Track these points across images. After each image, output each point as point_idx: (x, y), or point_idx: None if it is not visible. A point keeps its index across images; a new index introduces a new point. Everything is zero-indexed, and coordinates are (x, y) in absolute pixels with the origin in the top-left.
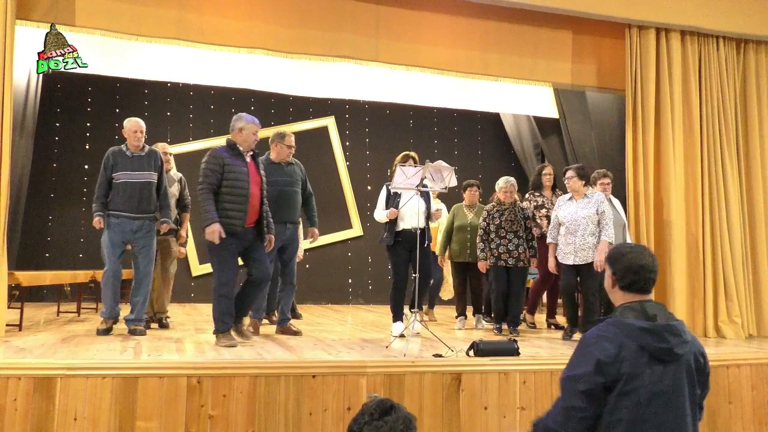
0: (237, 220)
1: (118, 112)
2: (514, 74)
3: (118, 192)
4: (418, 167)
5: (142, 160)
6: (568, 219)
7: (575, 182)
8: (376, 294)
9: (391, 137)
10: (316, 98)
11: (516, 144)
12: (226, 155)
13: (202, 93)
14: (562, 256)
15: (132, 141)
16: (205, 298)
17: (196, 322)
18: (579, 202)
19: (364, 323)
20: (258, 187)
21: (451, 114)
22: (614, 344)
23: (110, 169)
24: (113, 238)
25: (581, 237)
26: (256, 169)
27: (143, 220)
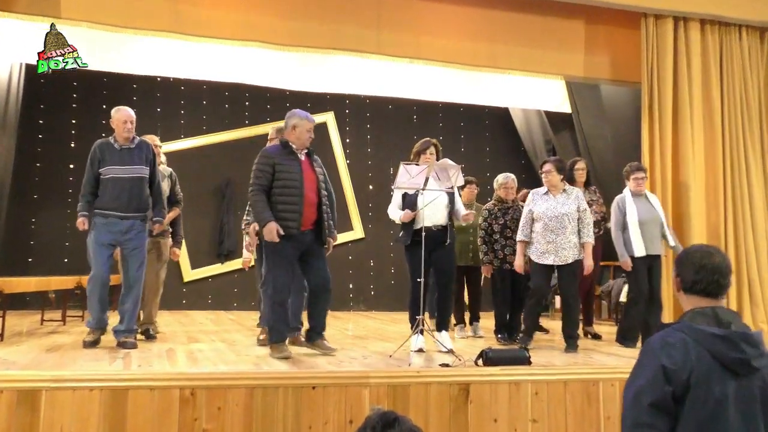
0: (291, 222)
1: (105, 108)
2: (524, 66)
3: (107, 189)
4: (422, 166)
5: (132, 154)
6: (547, 216)
7: (554, 176)
8: (378, 300)
9: (394, 134)
10: (315, 93)
11: (526, 140)
12: (277, 154)
13: (194, 88)
14: (538, 256)
15: (121, 132)
16: (197, 305)
17: (189, 330)
18: (558, 197)
19: (367, 331)
20: (313, 186)
21: (457, 109)
22: (681, 350)
23: (97, 163)
24: (101, 240)
25: (563, 236)
26: (311, 168)
27: (134, 220)
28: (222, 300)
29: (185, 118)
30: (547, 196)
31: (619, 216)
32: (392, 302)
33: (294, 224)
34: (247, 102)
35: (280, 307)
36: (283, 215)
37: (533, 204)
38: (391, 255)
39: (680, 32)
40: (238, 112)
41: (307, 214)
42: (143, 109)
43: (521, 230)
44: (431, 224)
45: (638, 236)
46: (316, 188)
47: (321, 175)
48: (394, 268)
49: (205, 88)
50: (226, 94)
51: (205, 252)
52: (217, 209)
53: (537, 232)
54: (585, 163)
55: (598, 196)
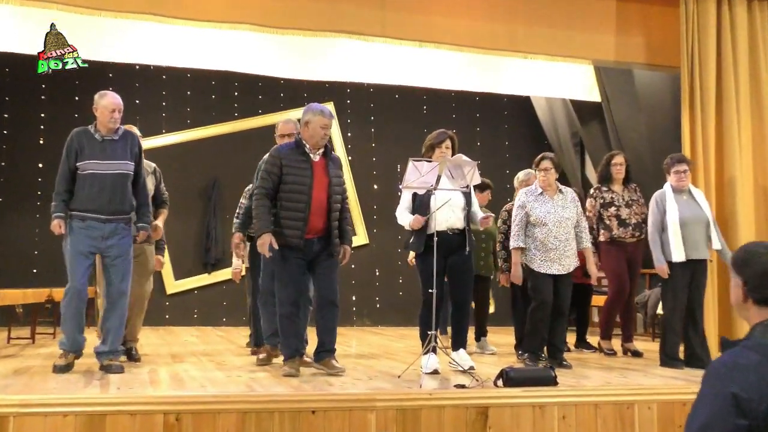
0: (294, 231)
1: (78, 101)
2: (547, 50)
3: (85, 186)
4: (433, 162)
5: (116, 146)
6: (550, 220)
7: (552, 175)
8: (385, 314)
9: (401, 126)
10: (312, 81)
11: (550, 132)
12: (286, 154)
13: (177, 77)
14: (540, 264)
15: (106, 122)
16: (182, 320)
17: (173, 349)
18: (555, 199)
19: (372, 348)
20: (324, 190)
21: (472, 98)
22: (756, 374)
23: (74, 155)
24: (78, 247)
25: (566, 242)
26: (324, 170)
27: (117, 223)
28: (209, 315)
29: (167, 111)
30: (544, 198)
31: (657, 215)
32: (400, 316)
33: (297, 233)
34: (236, 92)
35: (287, 320)
36: (286, 222)
37: (531, 206)
38: (399, 263)
39: (724, 9)
40: (227, 103)
41: (314, 222)
42: None
43: (517, 236)
44: (446, 228)
45: (678, 238)
46: (327, 193)
47: (335, 178)
48: (402, 277)
49: (189, 77)
50: (213, 83)
51: (190, 261)
52: (203, 213)
53: (536, 237)
54: (624, 156)
55: (638, 195)
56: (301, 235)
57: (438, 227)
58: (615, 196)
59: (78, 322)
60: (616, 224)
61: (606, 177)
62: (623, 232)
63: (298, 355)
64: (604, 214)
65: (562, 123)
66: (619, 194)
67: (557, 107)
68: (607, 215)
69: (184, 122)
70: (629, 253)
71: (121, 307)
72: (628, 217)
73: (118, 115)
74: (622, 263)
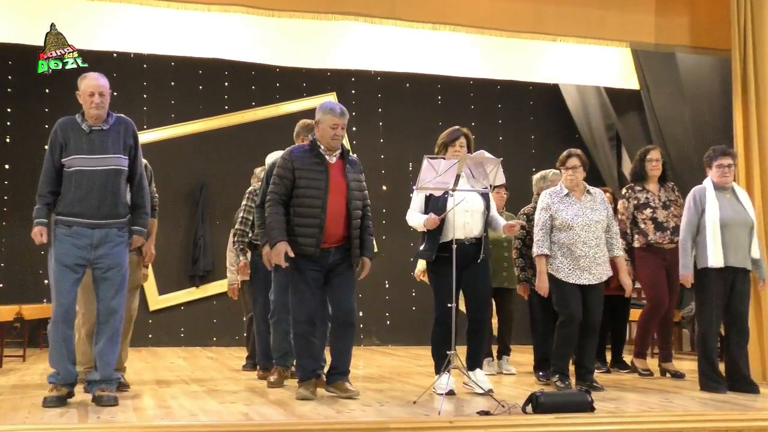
0: (308, 239)
1: (48, 93)
2: (579, 32)
3: (71, 186)
4: (452, 160)
5: (106, 137)
6: (579, 224)
7: (580, 173)
8: (395, 331)
9: (413, 119)
10: (312, 70)
11: (582, 125)
12: (299, 157)
13: (160, 65)
14: (567, 273)
15: (89, 108)
16: (167, 340)
17: (158, 372)
18: (583, 200)
19: (382, 370)
20: (342, 195)
21: (493, 87)
22: None
23: (59, 150)
24: (64, 259)
25: (597, 248)
26: (341, 175)
27: (108, 229)
28: (197, 334)
29: (148, 104)
30: (570, 199)
31: (693, 214)
32: (413, 334)
33: (311, 241)
34: (226, 82)
35: (302, 339)
36: (300, 230)
37: (557, 208)
38: (411, 274)
39: None
40: (216, 95)
41: (331, 230)
42: None
43: (541, 242)
44: (463, 236)
45: (717, 241)
46: (346, 198)
47: (354, 182)
48: (415, 290)
49: (173, 66)
50: (200, 72)
51: (176, 273)
52: (190, 219)
53: (562, 243)
54: (660, 152)
55: (677, 195)
56: (316, 244)
57: (453, 234)
58: (650, 197)
59: (68, 350)
60: (653, 228)
61: (640, 175)
62: (660, 237)
63: (314, 377)
64: (639, 216)
65: (596, 114)
66: (655, 194)
67: (590, 97)
68: (641, 218)
69: (168, 117)
70: (667, 260)
71: (113, 328)
72: (666, 220)
73: (99, 99)
74: (659, 272)
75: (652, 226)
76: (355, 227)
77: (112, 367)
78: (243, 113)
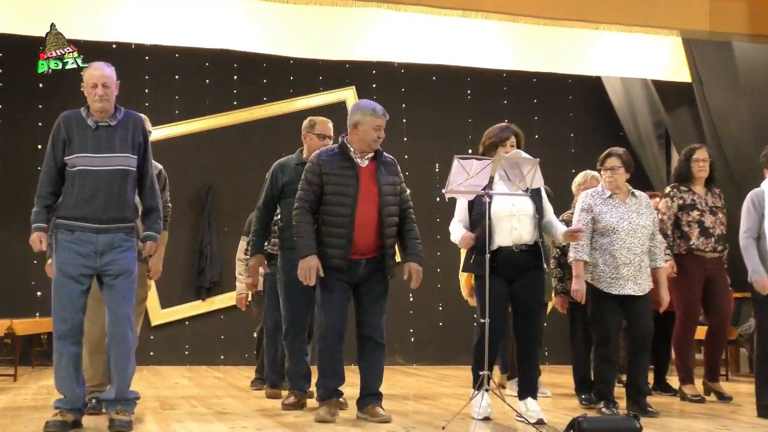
0: (336, 250)
1: (41, 88)
2: (624, 19)
3: (73, 187)
4: (485, 161)
5: (113, 134)
6: (623, 227)
7: (621, 175)
8: (421, 349)
9: (440, 116)
10: (329, 61)
11: (627, 122)
12: (328, 161)
13: (163, 57)
14: (608, 283)
15: (93, 101)
16: (170, 358)
17: (161, 393)
18: (628, 203)
19: (407, 391)
20: (373, 202)
21: (528, 80)
22: None
23: (62, 147)
24: (67, 268)
25: (642, 256)
26: (372, 178)
27: (114, 234)
28: (204, 351)
29: (150, 99)
30: (614, 201)
31: (754, 219)
32: (441, 353)
33: (339, 253)
34: (235, 75)
35: (328, 355)
36: (327, 240)
37: (598, 211)
38: (438, 286)
39: None
40: (224, 89)
41: (361, 240)
42: None
43: (579, 246)
44: (511, 243)
45: None
46: (378, 206)
47: (387, 186)
48: (442, 304)
49: (177, 57)
50: (207, 65)
51: (180, 285)
52: (195, 226)
53: (604, 249)
54: (707, 151)
55: (723, 204)
56: (344, 256)
57: (501, 242)
58: (697, 199)
59: (75, 371)
60: (697, 232)
61: (684, 176)
62: (704, 244)
63: (336, 397)
64: (683, 218)
65: (643, 110)
66: (702, 197)
67: (636, 90)
68: (686, 220)
69: (172, 114)
70: (708, 270)
71: (125, 341)
72: (713, 226)
73: (102, 90)
74: (695, 283)
75: (697, 230)
76: (389, 236)
77: (128, 383)
78: (253, 109)
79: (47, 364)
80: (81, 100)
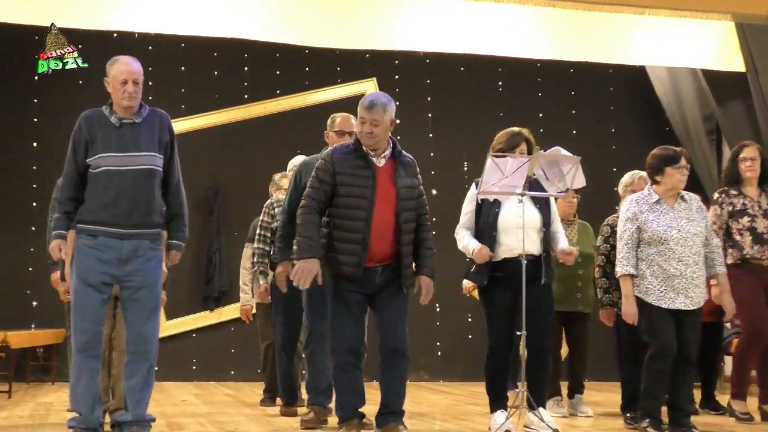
0: (349, 257)
1: (37, 81)
2: (671, 3)
3: (97, 189)
4: (522, 159)
5: (138, 132)
6: (672, 236)
7: (684, 174)
8: (448, 364)
9: (469, 109)
10: (347, 51)
11: (674, 116)
12: (342, 158)
13: (167, 47)
14: (658, 296)
15: (121, 99)
16: (176, 374)
17: (167, 411)
18: (677, 208)
19: (434, 410)
20: (391, 205)
21: (565, 70)
22: None
23: (83, 148)
24: (88, 275)
25: (695, 266)
26: (390, 178)
27: (140, 240)
28: (212, 366)
29: (154, 92)
30: (661, 207)
31: None
32: (469, 368)
33: (353, 260)
34: (246, 67)
35: (343, 372)
36: (340, 246)
37: (644, 218)
38: (467, 296)
39: None
40: (234, 82)
41: (377, 246)
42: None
43: (626, 259)
44: (517, 255)
45: None
46: (396, 209)
47: (405, 189)
48: (471, 315)
49: (183, 48)
50: (215, 55)
51: (186, 294)
52: (203, 230)
53: (652, 261)
54: (758, 149)
55: None
56: (359, 263)
57: (507, 253)
58: (748, 203)
59: (93, 387)
60: (750, 240)
61: (733, 177)
62: (759, 251)
63: (357, 417)
64: (734, 226)
65: (691, 102)
66: (754, 200)
67: (684, 81)
68: (737, 228)
69: (177, 108)
70: (766, 280)
71: (147, 359)
72: (767, 231)
73: (133, 88)
74: (757, 294)
75: (749, 237)
76: (406, 243)
77: (146, 406)
78: (266, 103)
79: (44, 379)
80: (82, 94)
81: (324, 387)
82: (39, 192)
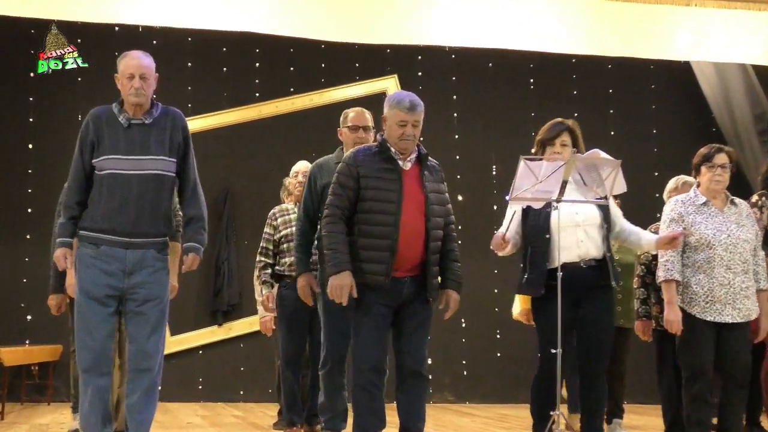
0: (376, 265)
1: (33, 78)
2: None
3: (101, 194)
4: (557, 162)
5: (147, 134)
6: (720, 241)
7: (728, 175)
8: (475, 385)
9: (498, 108)
10: (366, 46)
11: (722, 115)
12: (366, 162)
13: (173, 42)
14: (703, 308)
15: (128, 95)
16: (182, 394)
17: (169, 431)
18: (726, 212)
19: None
20: (419, 211)
21: (602, 65)
22: None
23: (90, 149)
24: (92, 288)
25: (744, 276)
26: (418, 183)
27: (145, 249)
28: (220, 385)
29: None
30: (709, 209)
31: None
32: (497, 389)
33: (380, 269)
34: (257, 63)
35: (365, 392)
36: (366, 255)
37: (691, 221)
38: (495, 309)
39: None
40: (244, 78)
41: (405, 254)
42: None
43: (671, 263)
44: (577, 259)
45: None
46: (425, 215)
47: (434, 194)
48: (500, 331)
49: (189, 42)
50: (224, 50)
51: (193, 308)
52: (211, 238)
53: (698, 267)
54: None
55: None
56: (386, 272)
57: (564, 258)
58: None
59: (101, 407)
60: None
61: None
62: None
63: None
64: None
65: (741, 100)
66: None
67: (732, 77)
68: None
69: (184, 106)
70: None
71: (150, 378)
72: None
73: (140, 83)
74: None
75: None
76: (434, 251)
77: (148, 427)
78: (278, 102)
79: (39, 399)
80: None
81: (340, 410)
82: (35, 197)
